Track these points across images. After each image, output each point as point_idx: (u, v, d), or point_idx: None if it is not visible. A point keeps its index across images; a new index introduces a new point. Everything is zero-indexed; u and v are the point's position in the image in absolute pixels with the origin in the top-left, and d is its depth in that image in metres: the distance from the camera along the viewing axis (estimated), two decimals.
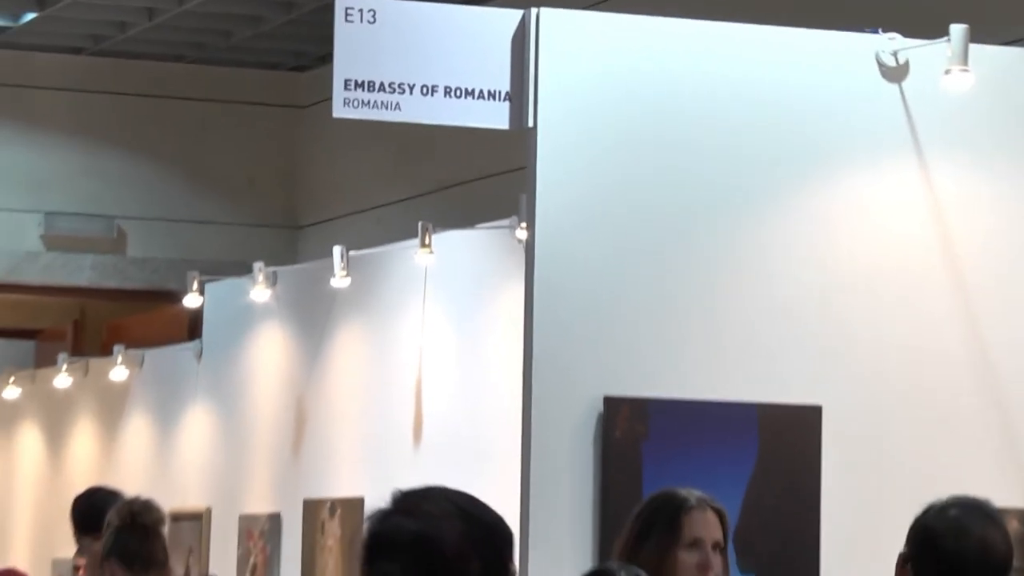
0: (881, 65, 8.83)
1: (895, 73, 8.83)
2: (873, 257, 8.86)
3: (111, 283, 19.18)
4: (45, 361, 21.26)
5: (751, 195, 8.80)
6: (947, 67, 8.76)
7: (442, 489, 5.67)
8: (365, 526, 5.61)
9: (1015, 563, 8.78)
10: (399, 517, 5.22)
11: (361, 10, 8.78)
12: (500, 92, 8.64)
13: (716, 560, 7.06)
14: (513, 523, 8.22)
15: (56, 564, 17.02)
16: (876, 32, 8.92)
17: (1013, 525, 8.76)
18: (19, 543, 17.89)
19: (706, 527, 7.05)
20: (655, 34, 8.90)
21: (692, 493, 7.14)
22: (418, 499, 5.29)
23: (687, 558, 6.96)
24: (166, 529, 15.76)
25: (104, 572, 9.17)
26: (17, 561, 15.80)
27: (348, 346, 15.24)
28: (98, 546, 9.61)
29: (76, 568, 11.15)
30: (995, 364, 8.93)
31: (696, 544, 7.00)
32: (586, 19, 8.92)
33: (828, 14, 10.56)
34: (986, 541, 6.21)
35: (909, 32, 8.96)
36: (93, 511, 10.01)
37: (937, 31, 8.85)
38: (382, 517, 5.45)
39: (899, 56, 8.85)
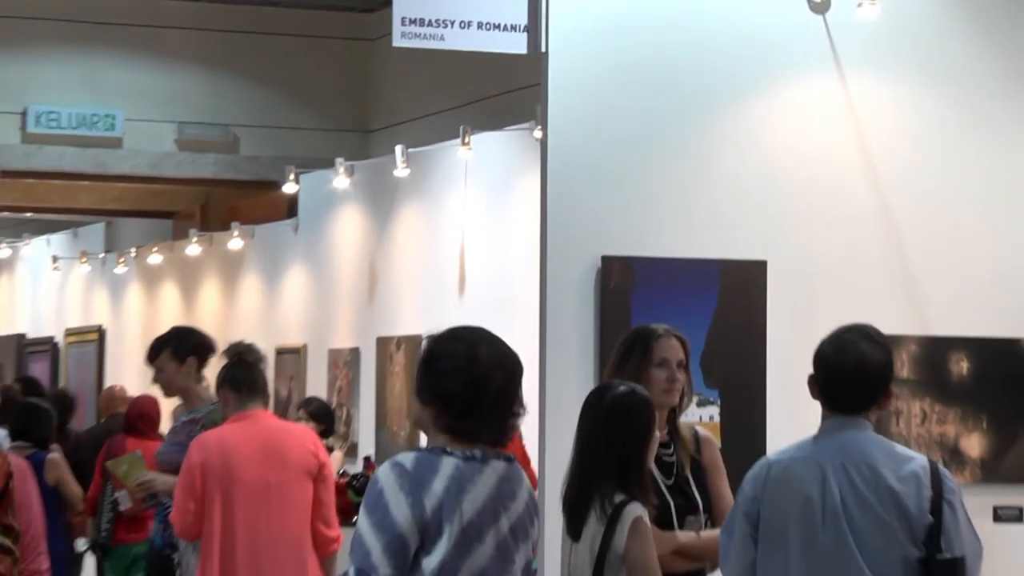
0: (810, 2, 8.81)
1: (820, 7, 8.79)
2: (806, 148, 8.84)
3: (228, 175, 19.14)
4: (180, 235, 21.24)
5: (713, 100, 8.78)
6: (859, 1, 8.77)
7: (477, 327, 5.80)
8: (423, 345, 5.73)
9: (912, 377, 8.85)
10: (447, 342, 5.66)
11: None
12: (519, 25, 8.66)
13: (680, 375, 7.10)
14: (534, 353, 8.34)
15: None
16: None
17: (911, 348, 8.80)
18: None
19: (671, 350, 7.08)
20: None
21: (660, 326, 7.18)
22: (459, 330, 5.74)
23: (658, 374, 7.00)
24: (271, 362, 15.80)
25: (219, 398, 9.19)
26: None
27: (407, 221, 15.28)
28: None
29: None
30: (898, 227, 8.91)
31: (663, 363, 7.03)
32: None
33: None
34: (862, 357, 6.27)
35: None
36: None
37: None
38: (436, 340, 5.67)
39: None
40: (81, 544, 14.36)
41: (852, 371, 6.30)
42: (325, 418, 12.90)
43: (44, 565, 7.14)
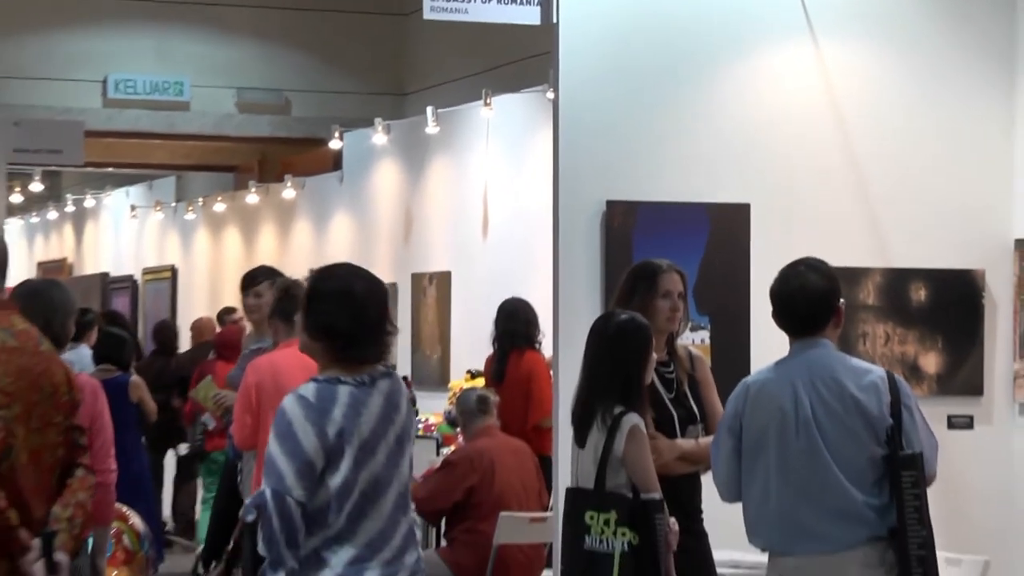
0: None
1: None
2: (784, 104, 8.81)
3: (281, 134, 19.14)
4: (240, 186, 21.25)
5: (703, 63, 8.75)
6: None
7: (348, 264, 6.02)
8: (306, 284, 5.98)
9: (876, 303, 8.85)
10: (326, 281, 5.86)
11: None
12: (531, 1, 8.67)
13: (680, 305, 7.14)
14: (548, 286, 8.36)
15: None
16: None
17: (876, 279, 8.80)
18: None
19: (673, 283, 7.09)
20: None
21: (663, 261, 7.20)
22: (336, 268, 5.97)
23: (662, 304, 7.01)
24: None
25: (270, 327, 9.21)
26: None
27: (437, 172, 15.27)
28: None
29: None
30: (864, 173, 8.87)
31: (667, 295, 7.05)
32: None
33: None
34: (804, 286, 6.35)
35: None
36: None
37: None
38: (316, 280, 5.90)
39: None
40: (183, 449, 14.88)
41: (797, 299, 6.36)
42: None
43: (112, 466, 7.15)
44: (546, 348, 10.30)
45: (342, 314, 5.71)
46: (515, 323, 11.34)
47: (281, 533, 5.49)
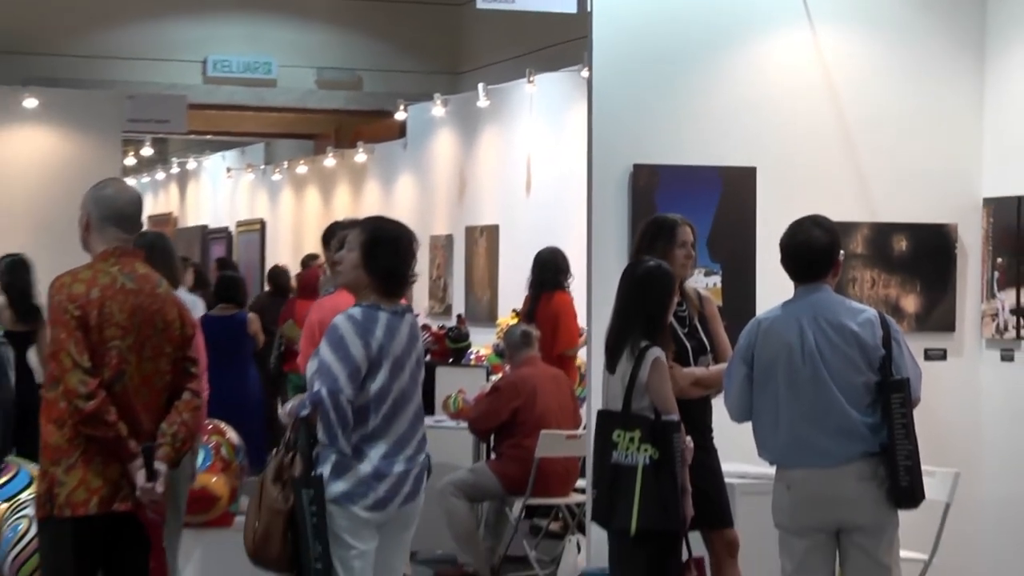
0: None
1: None
2: (786, 80, 8.74)
3: (354, 107, 19.09)
4: (319, 152, 21.34)
5: (717, 46, 8.66)
6: None
7: (397, 223, 6.42)
8: (366, 235, 6.20)
9: (864, 253, 8.82)
10: (385, 232, 6.25)
11: None
12: None
13: (693, 253, 7.17)
14: (583, 237, 8.32)
15: None
16: None
17: (864, 232, 8.77)
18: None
19: (687, 235, 7.10)
20: None
21: (676, 216, 7.23)
22: (388, 224, 6.40)
23: (679, 252, 7.02)
24: None
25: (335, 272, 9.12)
26: None
27: (487, 140, 15.27)
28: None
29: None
30: (854, 141, 8.79)
31: (683, 245, 7.05)
32: None
33: None
34: (810, 238, 6.35)
35: None
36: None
37: None
38: (376, 231, 6.25)
39: None
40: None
41: (803, 251, 6.34)
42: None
43: (207, 390, 7.12)
44: (579, 290, 10.28)
45: (396, 260, 6.12)
46: (546, 271, 11.35)
47: (338, 423, 5.85)
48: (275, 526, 5.84)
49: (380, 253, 6.10)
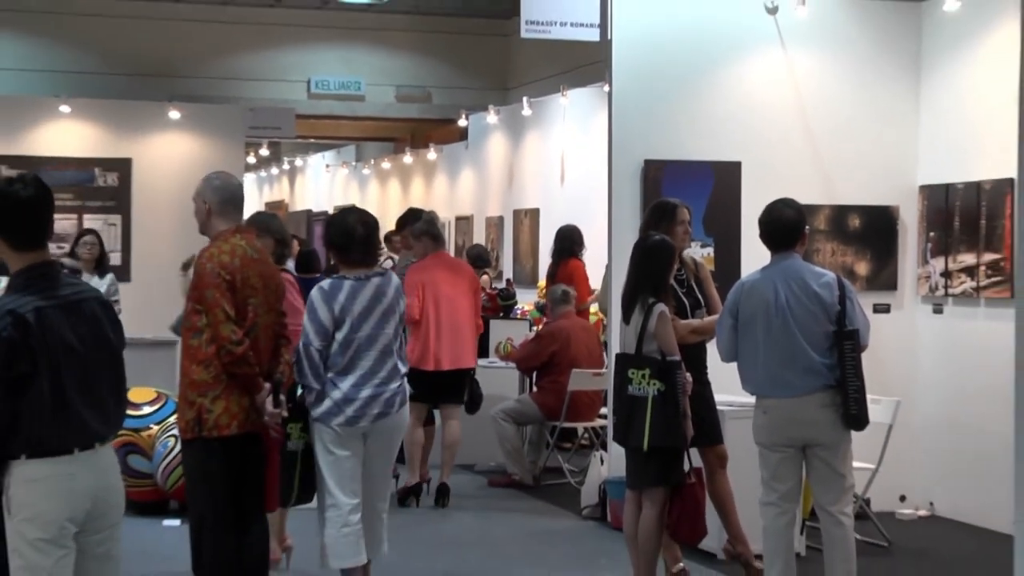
0: (767, 8, 8.64)
1: (772, 11, 8.63)
2: (765, 93, 8.71)
3: (426, 116, 19.06)
4: (399, 151, 21.29)
5: (713, 67, 8.64)
6: (797, 7, 8.59)
7: (353, 206, 6.89)
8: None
9: (826, 229, 8.75)
10: (335, 216, 6.52)
11: None
12: (594, 24, 8.58)
13: (690, 229, 7.14)
14: (604, 217, 8.28)
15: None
16: None
17: (826, 212, 8.74)
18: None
19: (685, 215, 7.03)
20: (663, 2, 8.77)
21: (675, 200, 7.18)
22: (344, 209, 6.60)
23: (679, 229, 6.95)
24: (452, 224, 15.70)
25: (420, 244, 9.09)
26: None
27: (531, 141, 15.19)
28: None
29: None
30: (817, 140, 8.75)
31: (682, 223, 6.98)
32: None
33: None
34: (782, 216, 6.31)
35: None
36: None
37: None
38: (331, 215, 6.60)
39: (773, 3, 8.63)
40: None
41: (776, 226, 6.30)
42: (480, 259, 12.76)
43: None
44: (599, 258, 10.25)
45: (339, 233, 6.29)
46: (564, 242, 11.31)
47: (308, 368, 6.04)
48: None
49: (333, 236, 6.34)
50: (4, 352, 3.94)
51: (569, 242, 11.27)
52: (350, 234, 6.21)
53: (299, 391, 6.14)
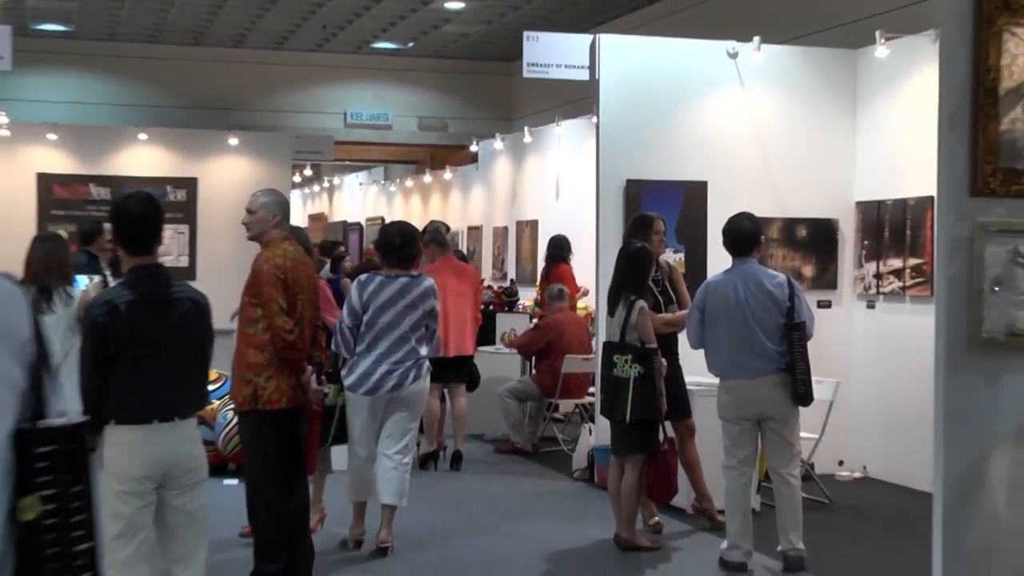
0: (728, 53, 8.61)
1: (733, 56, 8.62)
2: (726, 124, 8.69)
3: (443, 143, 19.05)
4: (420, 172, 21.10)
5: (683, 104, 8.61)
6: (753, 53, 8.57)
7: (399, 221, 6.94)
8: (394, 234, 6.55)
9: (778, 237, 8.70)
10: (384, 227, 6.67)
11: (536, 36, 8.70)
12: (584, 65, 8.52)
13: (664, 239, 7.12)
14: (592, 228, 8.23)
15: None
16: (731, 42, 8.71)
17: (778, 223, 8.70)
18: None
19: (660, 227, 7.05)
20: (642, 47, 8.71)
21: (653, 213, 7.17)
22: (391, 223, 6.81)
23: (656, 238, 6.93)
24: (464, 233, 15.61)
25: (429, 250, 8.87)
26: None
27: (531, 164, 15.02)
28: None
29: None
30: (772, 166, 8.77)
31: (657, 232, 6.97)
32: (619, 39, 8.68)
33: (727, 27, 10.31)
34: (740, 227, 6.28)
35: (747, 36, 8.74)
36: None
37: (756, 34, 8.68)
38: (381, 228, 6.71)
39: (734, 50, 8.63)
40: None
41: (737, 235, 6.28)
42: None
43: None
44: (588, 263, 10.22)
45: (382, 241, 6.56)
46: (555, 249, 11.25)
47: (342, 342, 6.42)
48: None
49: (378, 242, 6.62)
50: (98, 334, 4.09)
51: (559, 249, 11.24)
52: (390, 243, 6.50)
53: (339, 362, 6.48)
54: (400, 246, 6.47)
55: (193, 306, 4.28)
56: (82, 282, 7.14)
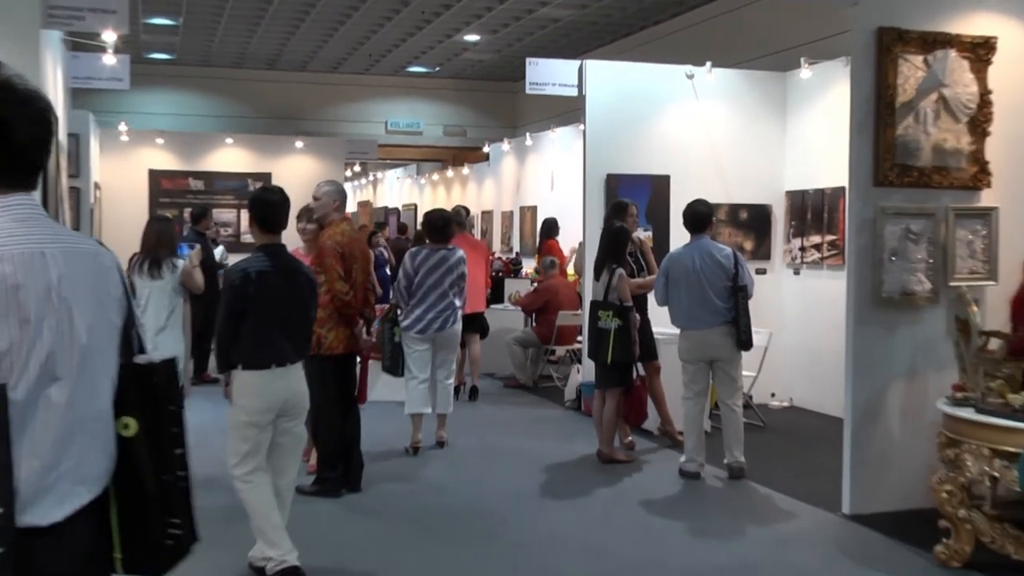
0: (686, 75, 8.55)
1: (690, 77, 8.55)
2: (685, 130, 8.60)
3: (463, 145, 18.83)
4: (444, 168, 21.09)
5: (651, 117, 8.52)
6: (706, 74, 8.49)
7: (444, 208, 7.21)
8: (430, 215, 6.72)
9: (725, 219, 8.64)
10: (428, 214, 6.76)
11: (536, 61, 8.63)
12: (574, 85, 8.49)
13: (637, 220, 7.08)
14: (579, 213, 8.19)
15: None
16: (688, 65, 8.63)
17: (725, 208, 8.61)
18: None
19: (633, 211, 6.99)
20: (619, 70, 8.62)
21: (627, 200, 7.11)
22: (435, 208, 6.79)
23: (630, 220, 6.91)
24: (479, 216, 15.46)
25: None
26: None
27: (532, 162, 14.96)
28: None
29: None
30: (722, 164, 8.69)
31: (632, 215, 6.94)
32: (601, 64, 8.60)
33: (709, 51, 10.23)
34: (697, 210, 6.21)
35: (712, 58, 8.65)
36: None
37: (716, 58, 8.59)
38: (427, 214, 6.86)
39: (691, 72, 8.56)
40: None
41: (693, 216, 6.24)
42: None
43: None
44: (574, 240, 10.18)
45: (429, 224, 6.69)
46: (547, 227, 11.24)
47: (399, 295, 6.61)
48: (383, 340, 6.68)
49: (423, 223, 6.80)
50: (234, 294, 4.16)
51: (550, 227, 11.29)
52: (434, 225, 6.73)
53: (399, 313, 6.72)
54: (440, 227, 6.72)
55: (306, 279, 4.35)
56: (186, 251, 7.16)
